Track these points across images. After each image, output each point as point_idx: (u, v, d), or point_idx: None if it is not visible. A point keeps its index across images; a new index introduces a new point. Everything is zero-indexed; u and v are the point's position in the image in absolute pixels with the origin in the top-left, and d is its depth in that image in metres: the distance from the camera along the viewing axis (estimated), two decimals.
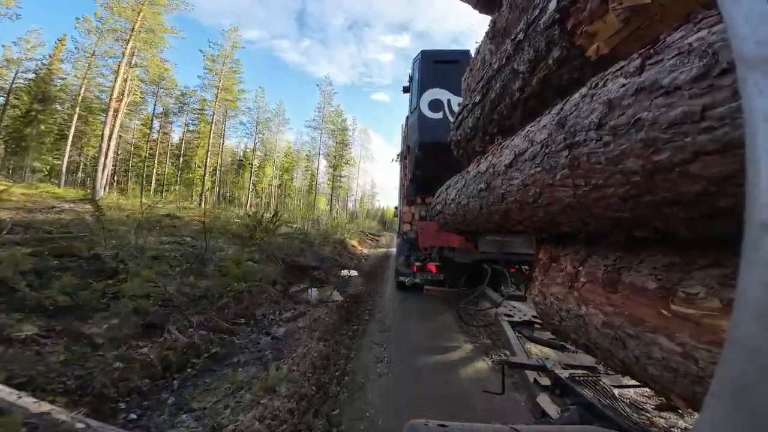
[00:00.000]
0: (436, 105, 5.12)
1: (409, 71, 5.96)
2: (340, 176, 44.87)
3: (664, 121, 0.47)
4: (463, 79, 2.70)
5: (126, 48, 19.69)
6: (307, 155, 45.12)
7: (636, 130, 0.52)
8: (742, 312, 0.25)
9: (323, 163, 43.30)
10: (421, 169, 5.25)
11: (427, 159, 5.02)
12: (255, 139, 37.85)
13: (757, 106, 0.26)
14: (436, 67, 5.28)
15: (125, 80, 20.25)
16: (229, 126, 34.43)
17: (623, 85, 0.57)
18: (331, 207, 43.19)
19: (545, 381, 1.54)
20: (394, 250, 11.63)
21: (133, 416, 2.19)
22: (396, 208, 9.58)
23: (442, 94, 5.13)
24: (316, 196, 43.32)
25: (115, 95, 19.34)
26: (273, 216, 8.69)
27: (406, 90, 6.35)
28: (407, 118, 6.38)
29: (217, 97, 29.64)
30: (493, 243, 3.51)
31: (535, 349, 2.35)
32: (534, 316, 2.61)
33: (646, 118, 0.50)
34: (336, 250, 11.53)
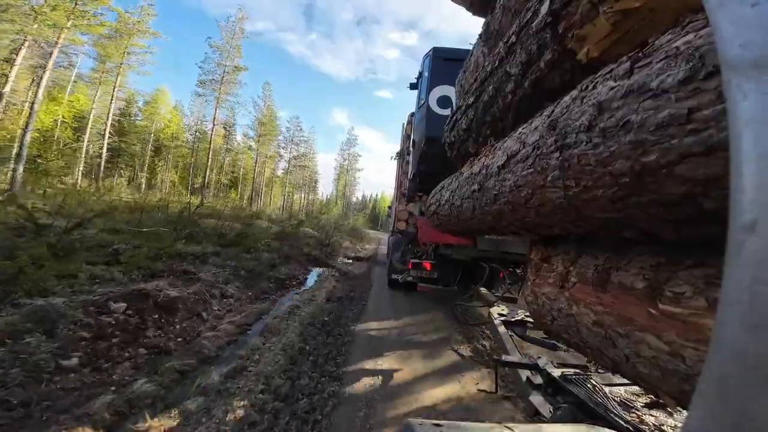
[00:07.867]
0: (444, 101, 5.16)
1: (419, 67, 5.97)
2: None
3: (651, 124, 0.48)
4: (457, 81, 2.72)
5: None
6: None
7: (625, 132, 0.53)
8: (726, 313, 0.25)
9: None
10: (426, 164, 5.28)
11: (433, 154, 5.04)
12: None
13: (741, 109, 0.27)
14: (447, 64, 5.30)
15: None
16: None
17: (613, 88, 0.57)
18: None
19: (538, 379, 1.56)
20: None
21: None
22: (389, 207, 9.64)
23: (450, 92, 5.16)
24: None
25: None
26: None
27: (413, 86, 6.34)
28: (411, 114, 6.38)
29: None
30: (492, 241, 3.54)
31: (527, 347, 2.38)
32: (527, 316, 2.64)
33: (634, 120, 0.51)
34: None
